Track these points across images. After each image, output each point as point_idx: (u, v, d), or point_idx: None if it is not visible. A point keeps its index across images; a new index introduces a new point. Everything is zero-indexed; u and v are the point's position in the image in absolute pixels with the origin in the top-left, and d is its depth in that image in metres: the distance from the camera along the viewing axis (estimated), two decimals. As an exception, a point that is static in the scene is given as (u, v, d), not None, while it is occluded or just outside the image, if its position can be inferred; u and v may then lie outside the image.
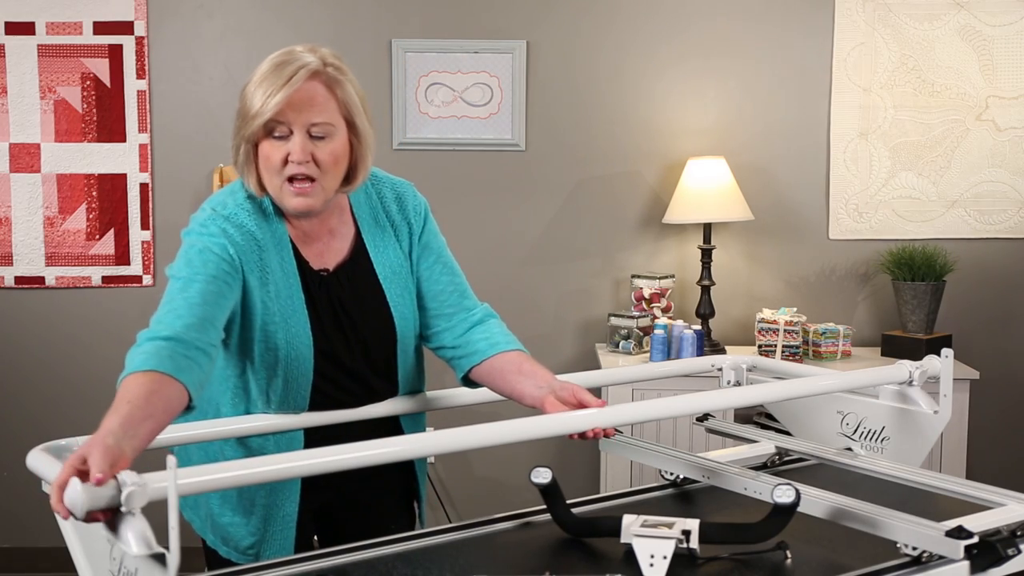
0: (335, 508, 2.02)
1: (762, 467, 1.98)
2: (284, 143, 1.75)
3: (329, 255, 1.89)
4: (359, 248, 1.92)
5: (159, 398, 1.52)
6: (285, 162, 1.75)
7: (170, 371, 1.55)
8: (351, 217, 1.92)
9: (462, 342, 1.93)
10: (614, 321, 3.72)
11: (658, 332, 3.53)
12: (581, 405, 1.70)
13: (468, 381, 1.95)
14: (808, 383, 1.98)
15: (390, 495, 2.06)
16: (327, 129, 1.77)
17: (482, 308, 2.00)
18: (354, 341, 1.89)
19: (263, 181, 1.80)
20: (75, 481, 1.24)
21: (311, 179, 1.76)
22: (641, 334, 3.67)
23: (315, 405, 1.87)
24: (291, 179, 1.76)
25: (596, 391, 1.87)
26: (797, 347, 3.59)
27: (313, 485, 1.93)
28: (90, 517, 1.24)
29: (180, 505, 1.93)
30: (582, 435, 1.64)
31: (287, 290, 1.82)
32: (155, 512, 1.27)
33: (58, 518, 1.44)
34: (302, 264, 1.85)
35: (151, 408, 1.48)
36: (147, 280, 3.93)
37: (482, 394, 1.99)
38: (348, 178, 1.84)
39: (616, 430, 2.01)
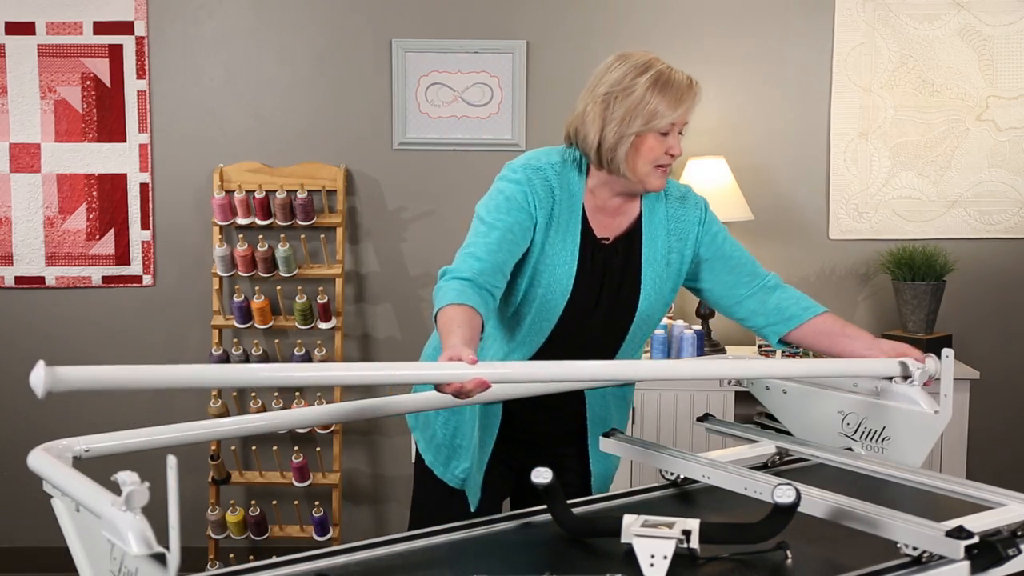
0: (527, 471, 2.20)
1: (762, 467, 1.98)
2: (665, 139, 2.05)
3: (612, 228, 2.14)
4: (636, 228, 2.15)
5: (474, 324, 1.87)
6: (662, 154, 2.06)
7: (475, 305, 1.89)
8: (639, 202, 2.17)
9: (770, 309, 2.18)
10: (614, 321, 3.72)
11: (658, 332, 3.53)
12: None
13: (781, 343, 2.23)
14: (789, 366, 2.01)
15: (565, 470, 2.18)
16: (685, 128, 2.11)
17: (772, 275, 2.23)
18: (602, 305, 2.11)
19: (632, 165, 2.06)
20: (40, 364, 1.39)
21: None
22: (641, 334, 3.67)
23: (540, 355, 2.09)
24: (658, 165, 2.07)
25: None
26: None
27: (507, 436, 2.18)
28: None
29: (411, 426, 2.24)
30: None
31: (563, 242, 2.08)
32: (155, 512, 1.27)
33: (59, 517, 1.44)
34: (587, 230, 2.11)
35: (473, 332, 1.84)
36: (147, 280, 3.93)
37: None
38: None
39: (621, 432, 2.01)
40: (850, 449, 2.05)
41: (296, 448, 3.80)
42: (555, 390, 2.09)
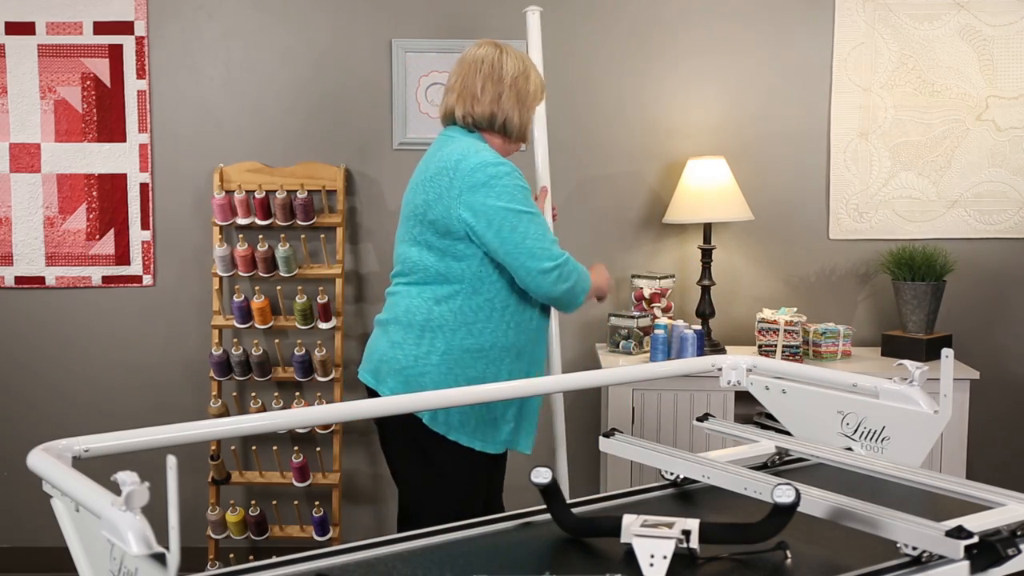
0: None
1: (762, 467, 1.99)
2: None
3: None
4: None
5: None
6: None
7: None
8: None
9: None
10: (614, 321, 3.72)
11: (658, 332, 3.53)
12: None
13: None
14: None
15: None
16: None
17: None
18: None
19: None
20: None
21: None
22: (641, 334, 3.67)
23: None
24: None
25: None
26: (797, 347, 3.59)
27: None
28: None
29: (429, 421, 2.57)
30: None
31: None
32: (155, 512, 1.27)
33: (58, 517, 1.44)
34: None
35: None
36: (147, 280, 3.93)
37: None
38: None
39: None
40: (850, 449, 2.05)
41: (296, 448, 3.80)
42: None
